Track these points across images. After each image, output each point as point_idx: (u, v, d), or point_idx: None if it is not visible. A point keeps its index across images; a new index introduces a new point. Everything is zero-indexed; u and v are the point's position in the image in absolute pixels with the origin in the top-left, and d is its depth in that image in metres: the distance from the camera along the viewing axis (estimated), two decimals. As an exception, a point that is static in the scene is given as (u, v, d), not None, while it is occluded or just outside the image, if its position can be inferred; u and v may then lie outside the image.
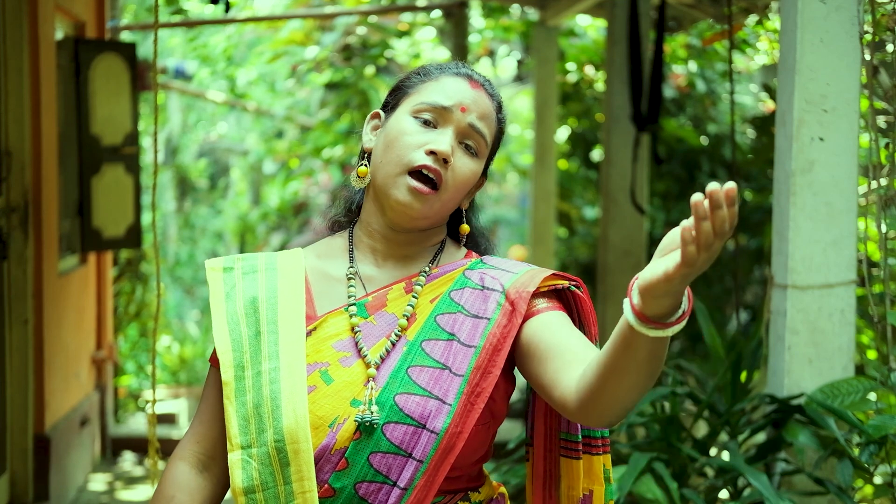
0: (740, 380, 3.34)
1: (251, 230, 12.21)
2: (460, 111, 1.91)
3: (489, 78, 2.02)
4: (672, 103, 7.90)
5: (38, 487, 5.18)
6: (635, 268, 6.05)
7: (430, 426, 1.80)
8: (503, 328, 1.84)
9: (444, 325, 1.87)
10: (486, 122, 1.94)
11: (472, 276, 1.93)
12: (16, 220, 5.04)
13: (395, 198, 1.88)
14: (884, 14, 3.27)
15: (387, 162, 1.90)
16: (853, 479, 3.01)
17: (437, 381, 1.82)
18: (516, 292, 1.86)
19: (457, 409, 1.80)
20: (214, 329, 1.89)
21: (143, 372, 7.84)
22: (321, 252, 2.00)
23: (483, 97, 1.95)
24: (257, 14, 8.86)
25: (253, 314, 1.89)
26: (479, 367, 1.82)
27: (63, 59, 5.81)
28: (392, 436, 1.80)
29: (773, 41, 5.69)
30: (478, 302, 1.88)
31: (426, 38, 8.97)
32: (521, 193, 12.48)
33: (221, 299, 1.92)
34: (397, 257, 1.96)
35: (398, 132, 1.91)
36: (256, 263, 1.97)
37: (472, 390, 1.81)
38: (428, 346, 1.86)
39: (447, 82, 1.94)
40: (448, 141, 1.89)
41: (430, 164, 1.87)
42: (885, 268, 3.21)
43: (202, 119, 13.36)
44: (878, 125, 3.30)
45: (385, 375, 1.84)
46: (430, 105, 1.91)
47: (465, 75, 1.96)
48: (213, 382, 1.95)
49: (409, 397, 1.81)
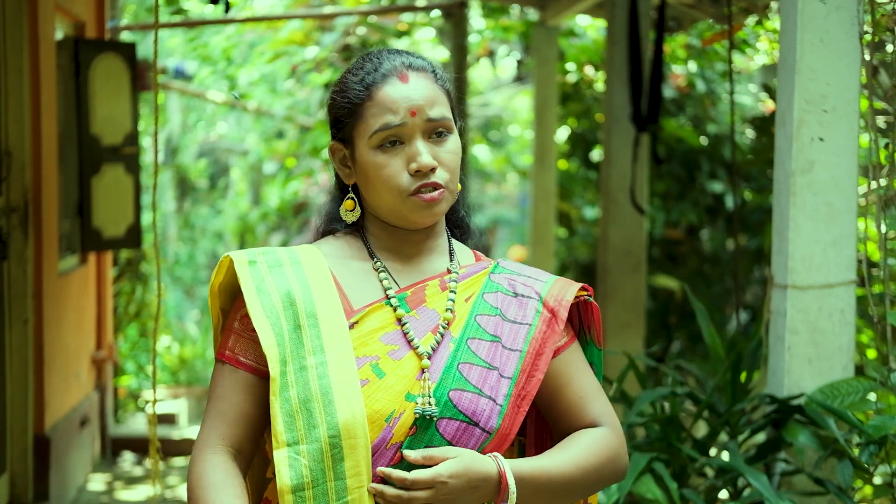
0: (740, 380, 3.34)
1: (251, 230, 12.20)
2: (412, 117, 1.88)
3: (415, 54, 1.98)
4: (672, 103, 7.90)
5: (38, 487, 5.18)
6: (635, 268, 6.05)
7: (483, 424, 1.85)
8: (543, 334, 1.93)
9: (486, 327, 1.92)
10: (439, 104, 1.91)
11: (501, 282, 1.98)
12: (16, 220, 5.04)
13: (412, 218, 1.90)
14: (884, 14, 3.27)
15: (381, 196, 1.90)
16: (853, 480, 3.01)
17: (486, 380, 1.87)
18: (555, 301, 1.96)
19: (507, 411, 1.87)
20: (256, 324, 1.83)
21: (143, 372, 7.84)
22: (333, 248, 1.98)
23: (418, 80, 1.91)
24: (257, 14, 8.85)
25: (290, 307, 1.85)
26: (524, 370, 1.90)
27: (63, 59, 5.81)
28: (445, 431, 1.84)
29: (773, 41, 5.69)
30: (513, 307, 1.95)
31: (426, 39, 8.96)
32: (521, 193, 12.48)
33: (253, 293, 1.87)
34: (415, 253, 1.97)
35: (374, 169, 1.89)
36: (279, 257, 1.93)
37: (519, 392, 1.89)
38: (473, 345, 1.90)
39: (384, 96, 1.89)
40: (423, 150, 1.88)
41: (425, 182, 1.88)
42: (885, 268, 3.21)
43: (202, 119, 13.35)
44: (878, 125, 3.30)
45: (438, 370, 1.86)
46: (385, 130, 1.88)
47: (392, 75, 1.91)
48: (232, 381, 1.88)
49: (462, 394, 1.85)
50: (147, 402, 7.55)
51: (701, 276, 7.93)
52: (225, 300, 1.95)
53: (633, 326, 6.00)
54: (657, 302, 7.84)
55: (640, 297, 6.11)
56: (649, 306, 7.56)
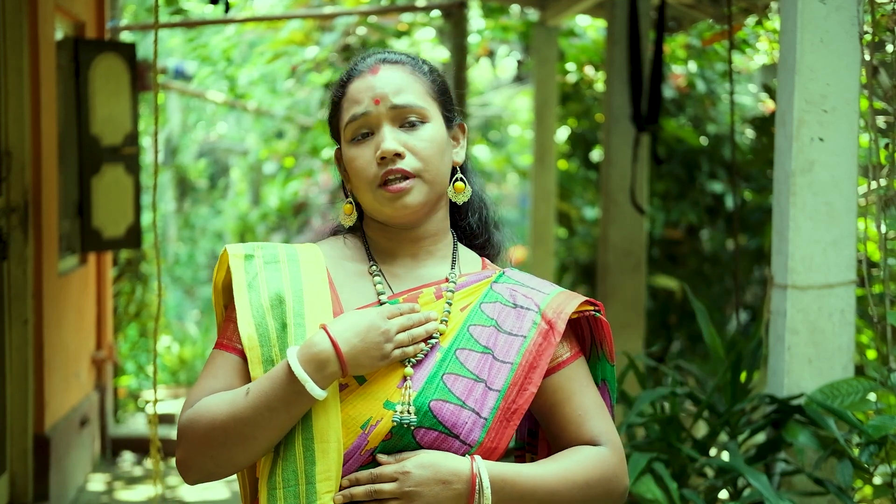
0: (740, 380, 3.34)
1: (251, 230, 12.20)
2: (375, 104, 1.89)
3: (396, 51, 1.99)
4: (672, 103, 7.90)
5: (38, 487, 5.18)
6: (635, 268, 6.05)
7: (464, 437, 1.81)
8: (539, 346, 1.87)
9: (479, 338, 1.87)
10: (407, 92, 1.91)
11: (502, 292, 1.93)
12: (16, 220, 5.04)
13: (385, 212, 1.89)
14: (884, 14, 3.27)
15: (359, 190, 1.91)
16: (853, 480, 3.01)
17: (471, 393, 1.83)
18: (554, 313, 1.89)
19: (492, 425, 1.82)
20: (240, 321, 1.84)
21: (142, 372, 7.83)
22: (334, 249, 1.97)
23: (388, 72, 1.92)
24: (257, 14, 8.85)
25: (279, 306, 1.85)
26: (515, 383, 1.84)
27: (63, 59, 5.81)
28: (423, 440, 1.81)
29: (773, 41, 5.68)
30: (510, 318, 1.89)
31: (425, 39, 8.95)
32: (521, 193, 12.47)
33: (244, 288, 1.87)
34: (412, 254, 1.94)
35: (349, 161, 1.91)
36: (277, 253, 1.92)
37: (508, 406, 1.84)
38: (462, 356, 1.85)
39: (353, 89, 1.92)
40: (388, 137, 1.87)
41: (390, 168, 1.86)
42: (885, 268, 3.21)
43: (202, 119, 13.35)
44: (878, 125, 3.30)
45: (421, 380, 1.83)
46: (352, 120, 1.90)
47: (363, 70, 1.93)
48: (222, 361, 1.87)
49: (444, 404, 1.81)
50: (147, 402, 7.55)
51: (701, 276, 7.93)
52: (228, 297, 1.94)
53: (633, 326, 5.99)
54: (657, 302, 7.84)
55: (640, 297, 6.10)
56: (649, 306, 7.56)
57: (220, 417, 1.78)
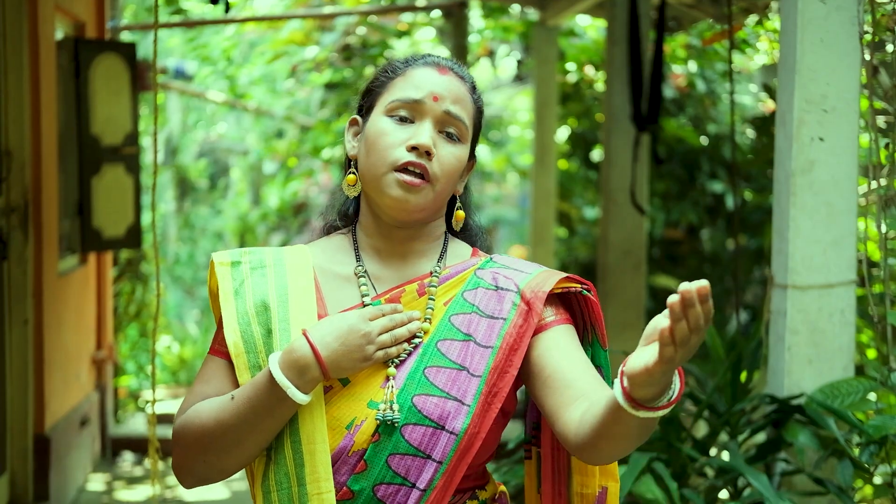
0: (740, 380, 3.34)
1: (251, 230, 12.20)
2: (433, 101, 1.89)
3: (463, 65, 2.01)
4: (672, 103, 7.91)
5: (38, 487, 5.18)
6: (635, 268, 6.05)
7: (449, 427, 1.80)
8: (519, 328, 1.84)
9: (460, 326, 1.86)
10: (461, 106, 1.92)
11: (485, 276, 1.92)
12: (16, 220, 5.04)
13: (388, 196, 1.87)
14: (884, 14, 3.27)
15: (372, 164, 1.89)
16: (853, 480, 3.01)
17: (455, 382, 1.82)
18: (532, 292, 1.86)
19: (475, 410, 1.80)
20: (226, 329, 1.86)
21: (142, 372, 7.84)
22: (324, 250, 1.98)
23: (454, 81, 1.93)
24: (257, 14, 8.85)
25: (264, 312, 1.86)
26: (496, 367, 1.82)
27: (63, 59, 5.81)
28: (411, 437, 1.80)
29: (773, 41, 5.68)
30: (492, 302, 1.88)
31: (426, 38, 8.96)
32: (521, 193, 12.48)
33: (230, 296, 1.88)
34: (402, 254, 1.94)
35: (377, 134, 1.90)
36: (264, 258, 1.93)
37: (489, 390, 1.81)
38: (443, 347, 1.85)
39: (415, 75, 1.93)
40: (428, 133, 1.87)
41: (414, 160, 1.86)
42: (885, 268, 3.21)
43: (202, 119, 13.35)
44: (878, 125, 3.30)
45: (402, 377, 1.83)
46: (403, 101, 1.90)
47: (432, 64, 1.95)
48: (215, 366, 1.89)
49: (427, 398, 1.81)
50: (147, 402, 7.55)
51: (701, 276, 7.93)
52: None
53: (633, 326, 5.99)
54: (657, 302, 7.84)
55: (640, 297, 6.11)
56: (649, 306, 7.55)
57: (208, 424, 1.81)
